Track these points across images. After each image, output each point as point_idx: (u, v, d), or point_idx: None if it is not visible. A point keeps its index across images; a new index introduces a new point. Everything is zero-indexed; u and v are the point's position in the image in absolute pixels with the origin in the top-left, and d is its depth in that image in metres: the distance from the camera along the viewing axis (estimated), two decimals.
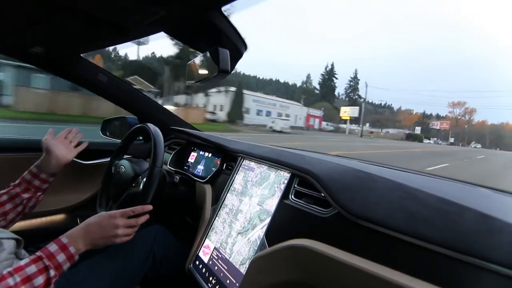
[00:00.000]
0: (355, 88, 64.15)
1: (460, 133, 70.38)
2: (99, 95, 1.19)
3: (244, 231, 0.73)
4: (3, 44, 0.90)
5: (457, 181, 0.68)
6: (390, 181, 0.53)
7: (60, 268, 0.55)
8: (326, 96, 59.92)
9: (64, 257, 0.56)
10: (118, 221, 0.66)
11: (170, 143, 1.32)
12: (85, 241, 0.61)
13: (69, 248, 0.57)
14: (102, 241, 0.63)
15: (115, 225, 0.65)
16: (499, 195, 0.60)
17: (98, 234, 0.63)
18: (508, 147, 64.78)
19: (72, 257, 0.58)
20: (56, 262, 0.55)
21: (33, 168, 0.81)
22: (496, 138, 72.25)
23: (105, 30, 0.68)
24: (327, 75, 61.91)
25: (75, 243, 0.59)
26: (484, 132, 73.11)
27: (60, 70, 1.07)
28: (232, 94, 25.74)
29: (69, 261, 0.57)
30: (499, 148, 65.77)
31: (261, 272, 0.61)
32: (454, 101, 79.52)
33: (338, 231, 0.53)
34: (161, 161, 0.79)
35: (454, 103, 75.96)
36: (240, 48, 0.62)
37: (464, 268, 0.37)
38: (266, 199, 0.73)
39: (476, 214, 0.40)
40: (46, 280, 0.52)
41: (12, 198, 0.74)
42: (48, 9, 0.59)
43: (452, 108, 76.55)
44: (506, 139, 71.99)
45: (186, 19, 0.56)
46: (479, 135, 71.97)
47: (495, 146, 68.32)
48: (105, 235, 0.64)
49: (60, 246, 0.57)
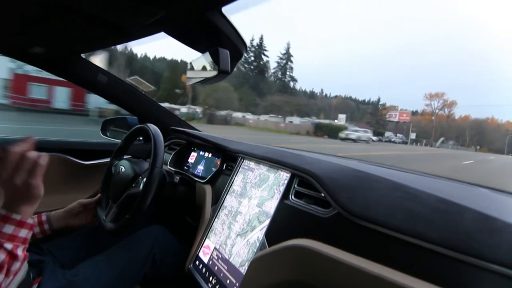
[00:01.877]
0: (285, 68, 49.08)
1: (429, 128, 59.60)
2: (99, 95, 1.19)
3: (243, 232, 0.73)
4: (3, 44, 0.90)
5: (457, 181, 0.68)
6: (390, 181, 0.53)
7: (15, 239, 0.52)
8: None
9: (12, 227, 0.52)
10: (16, 172, 0.54)
11: (170, 143, 1.32)
12: (18, 201, 0.54)
13: (12, 216, 0.53)
14: (24, 196, 0.54)
15: (13, 175, 0.54)
16: (499, 195, 0.60)
17: (12, 191, 0.54)
18: (492, 145, 58.00)
19: (22, 222, 0.53)
20: (6, 235, 0.51)
21: (43, 215, 0.80)
22: (478, 134, 62.59)
23: (105, 30, 0.68)
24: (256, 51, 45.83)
25: (14, 209, 0.53)
26: (464, 127, 63.59)
27: (60, 70, 1.07)
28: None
29: (22, 227, 0.53)
30: (480, 146, 58.72)
31: (261, 272, 0.61)
32: (431, 92, 68.27)
33: (338, 231, 0.53)
34: (161, 162, 0.79)
35: (432, 95, 65.38)
36: (240, 48, 0.62)
37: (464, 268, 0.37)
38: (265, 200, 0.73)
39: (476, 214, 0.40)
40: (8, 254, 0.50)
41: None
42: (48, 9, 0.59)
43: (429, 100, 65.93)
44: (490, 135, 62.43)
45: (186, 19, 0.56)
46: (459, 130, 62.80)
47: (477, 143, 60.26)
48: (18, 188, 0.54)
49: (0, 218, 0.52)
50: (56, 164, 1.22)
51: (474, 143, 61.15)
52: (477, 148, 58.46)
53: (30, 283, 0.62)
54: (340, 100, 73.27)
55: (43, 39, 0.83)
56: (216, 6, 0.51)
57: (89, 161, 1.29)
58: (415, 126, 56.77)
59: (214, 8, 0.52)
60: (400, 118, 52.25)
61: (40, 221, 0.80)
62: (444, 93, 66.00)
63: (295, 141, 16.64)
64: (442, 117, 64.50)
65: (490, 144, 59.91)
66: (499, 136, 60.49)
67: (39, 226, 0.80)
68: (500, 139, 58.93)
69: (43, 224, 0.80)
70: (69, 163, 1.25)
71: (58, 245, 0.81)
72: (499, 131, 64.53)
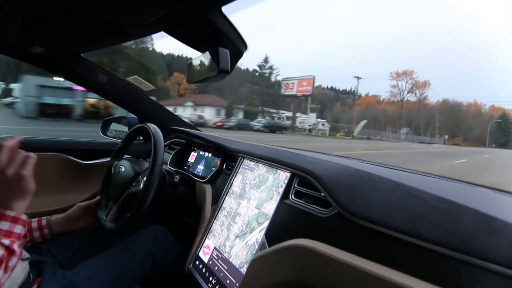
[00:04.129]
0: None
1: (395, 117, 47.70)
2: (99, 95, 1.19)
3: (242, 234, 0.73)
4: (3, 44, 0.90)
5: (457, 181, 0.68)
6: (390, 181, 0.53)
7: (11, 234, 0.52)
8: None
9: (7, 223, 0.53)
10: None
11: (170, 143, 1.32)
12: (11, 198, 0.54)
13: (6, 213, 0.53)
14: (14, 190, 0.55)
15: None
16: (499, 195, 0.60)
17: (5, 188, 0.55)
18: (470, 133, 47.19)
19: (17, 219, 0.54)
20: (2, 231, 0.52)
21: (43, 219, 0.80)
22: (451, 120, 49.68)
23: (105, 30, 0.69)
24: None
25: (7, 205, 0.54)
26: (433, 112, 50.57)
27: (60, 70, 1.07)
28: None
29: (17, 222, 0.54)
30: (454, 135, 47.38)
31: (261, 272, 0.61)
32: (398, 70, 55.84)
33: (338, 231, 0.53)
34: (161, 161, 0.79)
35: (399, 73, 53.72)
36: (240, 48, 0.62)
37: (464, 268, 0.37)
38: (264, 202, 0.73)
39: (476, 214, 0.40)
40: (6, 249, 0.50)
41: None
42: (48, 9, 0.59)
43: (396, 80, 54.17)
44: (468, 121, 50.41)
45: (186, 19, 0.56)
46: (428, 116, 49.75)
47: (449, 131, 47.45)
48: (8, 186, 0.55)
49: None
50: (56, 164, 1.22)
51: (445, 131, 48.99)
52: (445, 138, 45.00)
53: (30, 284, 0.62)
54: (320, 90, 62.11)
55: (43, 39, 0.83)
56: (216, 6, 0.51)
57: (89, 161, 1.30)
58: (382, 114, 46.86)
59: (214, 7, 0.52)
60: (299, 90, 30.70)
61: (40, 225, 0.81)
62: (413, 71, 54.33)
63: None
64: (412, 104, 52.41)
65: (468, 132, 49.80)
66: (480, 123, 50.12)
67: (39, 231, 0.80)
68: (481, 126, 49.28)
69: (43, 229, 0.81)
70: (69, 163, 1.25)
71: (58, 245, 0.81)
72: (480, 116, 53.67)
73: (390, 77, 54.96)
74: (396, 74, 54.30)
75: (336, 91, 72.51)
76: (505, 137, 50.40)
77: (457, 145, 40.25)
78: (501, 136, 50.90)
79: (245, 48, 0.63)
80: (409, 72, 53.39)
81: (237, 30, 0.58)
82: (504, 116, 54.34)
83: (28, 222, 0.77)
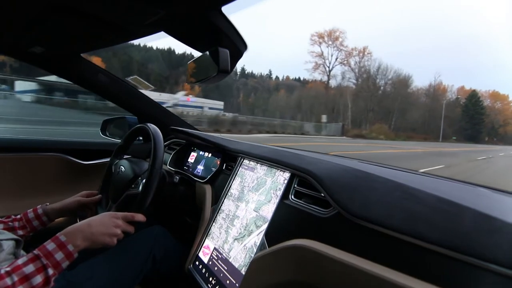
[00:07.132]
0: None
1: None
2: (99, 95, 1.19)
3: (241, 237, 0.73)
4: (3, 44, 0.90)
5: (457, 181, 0.68)
6: (390, 181, 0.53)
7: (58, 266, 0.55)
8: None
9: (62, 255, 0.56)
10: (119, 221, 0.68)
11: (170, 143, 1.32)
12: (84, 236, 0.61)
13: (67, 246, 0.57)
14: (101, 238, 0.64)
15: (116, 224, 0.67)
16: (499, 195, 0.60)
17: (99, 230, 0.64)
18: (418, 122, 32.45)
19: (71, 255, 0.57)
20: (54, 261, 0.54)
21: (39, 208, 0.81)
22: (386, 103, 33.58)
23: (105, 30, 0.69)
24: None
25: (73, 240, 0.59)
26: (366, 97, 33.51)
27: (60, 70, 1.07)
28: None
29: (68, 259, 0.57)
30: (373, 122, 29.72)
31: (261, 272, 0.61)
32: (321, 31, 37.32)
33: (338, 231, 0.53)
34: (160, 162, 0.79)
35: (321, 35, 36.00)
36: (240, 48, 0.62)
37: (464, 268, 0.37)
38: (263, 205, 0.72)
39: (476, 214, 0.40)
40: (45, 279, 0.52)
41: (7, 230, 0.73)
42: (48, 9, 0.59)
43: (318, 44, 35.02)
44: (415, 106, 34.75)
45: (186, 19, 0.56)
46: (386, 107, 33.39)
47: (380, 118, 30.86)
48: (105, 232, 0.64)
49: (58, 244, 0.57)
50: (56, 164, 1.22)
51: (370, 119, 33.98)
52: (342, 125, 27.88)
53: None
54: (288, 81, 55.96)
55: (43, 39, 0.83)
56: (216, 6, 0.51)
57: (89, 161, 1.29)
58: (303, 97, 31.47)
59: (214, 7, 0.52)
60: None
61: (37, 214, 0.81)
62: (340, 31, 35.00)
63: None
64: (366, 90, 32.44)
65: (408, 118, 35.69)
66: (437, 108, 35.54)
67: (37, 220, 0.80)
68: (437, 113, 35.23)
69: (41, 217, 0.81)
70: (69, 163, 1.25)
71: None
72: (437, 100, 38.00)
73: (311, 41, 37.29)
74: (319, 35, 37.21)
75: (303, 82, 52.95)
76: (473, 127, 33.88)
77: (363, 137, 25.73)
78: (469, 126, 35.61)
79: (245, 48, 0.63)
80: (335, 31, 34.91)
81: (237, 30, 0.58)
82: (474, 96, 38.43)
83: (25, 213, 0.79)
